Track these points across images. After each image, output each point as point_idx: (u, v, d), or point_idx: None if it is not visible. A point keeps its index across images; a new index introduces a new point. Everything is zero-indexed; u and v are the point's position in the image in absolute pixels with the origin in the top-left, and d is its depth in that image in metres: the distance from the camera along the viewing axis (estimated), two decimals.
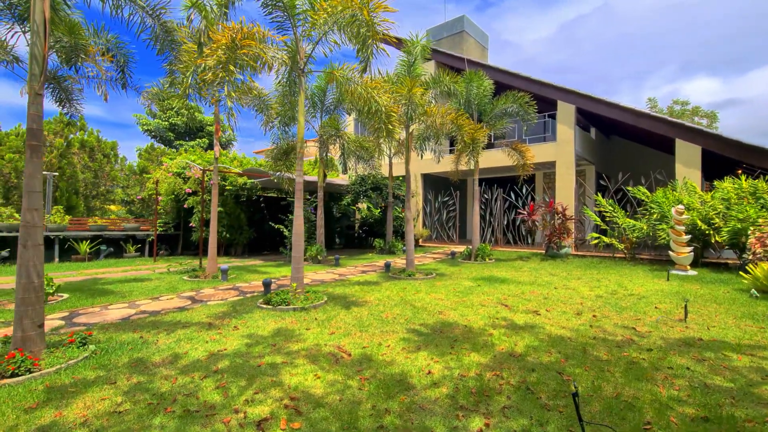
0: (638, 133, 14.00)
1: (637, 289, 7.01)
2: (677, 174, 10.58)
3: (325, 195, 17.40)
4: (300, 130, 6.07)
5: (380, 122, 6.73)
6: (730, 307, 5.65)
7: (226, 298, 6.47)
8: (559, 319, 5.10)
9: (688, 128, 10.33)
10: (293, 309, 5.46)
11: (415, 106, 7.35)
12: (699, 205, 8.97)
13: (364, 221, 17.26)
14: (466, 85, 10.15)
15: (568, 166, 12.33)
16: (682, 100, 35.30)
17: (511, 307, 5.77)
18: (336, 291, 6.96)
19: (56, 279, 8.55)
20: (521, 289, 7.09)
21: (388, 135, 6.78)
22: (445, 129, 8.28)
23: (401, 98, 7.34)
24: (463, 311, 5.49)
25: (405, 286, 7.33)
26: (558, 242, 10.90)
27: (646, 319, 5.09)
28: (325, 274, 9.16)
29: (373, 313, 5.37)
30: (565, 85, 12.25)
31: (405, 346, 4.07)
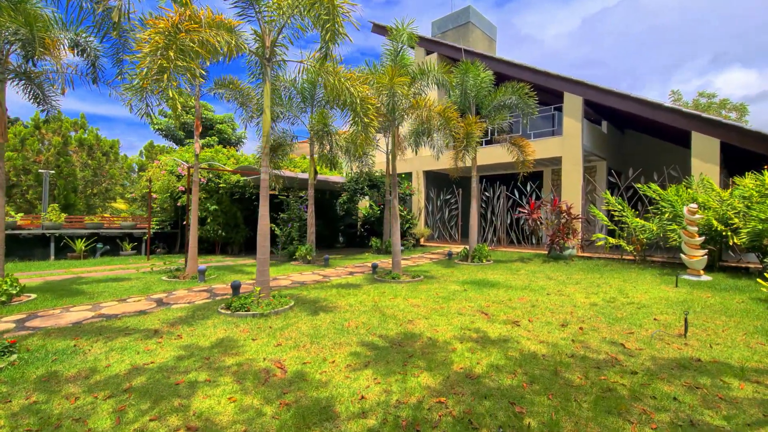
0: (653, 126, 13.09)
1: (638, 296, 6.35)
2: (693, 170, 9.73)
3: (325, 193, 17.12)
4: (265, 124, 5.68)
5: (355, 115, 6.29)
6: (741, 320, 4.97)
7: (193, 301, 6.16)
8: (540, 332, 4.56)
9: (705, 120, 9.46)
10: (251, 315, 5.09)
11: (398, 98, 6.86)
12: (716, 203, 8.16)
13: (365, 220, 16.85)
14: (461, 77, 9.58)
15: (575, 162, 11.58)
16: (709, 93, 33.45)
17: (490, 315, 5.24)
18: (310, 295, 6.57)
19: (39, 278, 8.49)
20: (510, 294, 6.54)
21: (363, 129, 6.32)
22: (433, 123, 7.75)
23: (382, 88, 6.85)
24: (435, 320, 5.00)
25: (385, 290, 6.87)
26: (561, 243, 10.21)
27: (640, 333, 4.49)
28: (310, 275, 8.80)
29: (336, 321, 4.95)
30: (572, 76, 11.49)
31: (352, 362, 3.63)
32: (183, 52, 4.32)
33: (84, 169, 14.19)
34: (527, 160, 10.12)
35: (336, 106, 6.48)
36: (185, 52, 4.34)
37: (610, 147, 14.28)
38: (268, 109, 5.71)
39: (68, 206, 13.31)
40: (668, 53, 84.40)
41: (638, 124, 14.29)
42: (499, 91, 9.77)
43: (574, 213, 10.92)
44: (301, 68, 6.07)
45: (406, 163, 16.39)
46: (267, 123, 5.70)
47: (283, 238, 11.33)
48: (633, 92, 10.48)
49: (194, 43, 4.40)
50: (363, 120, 6.33)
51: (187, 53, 4.37)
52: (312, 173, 10.58)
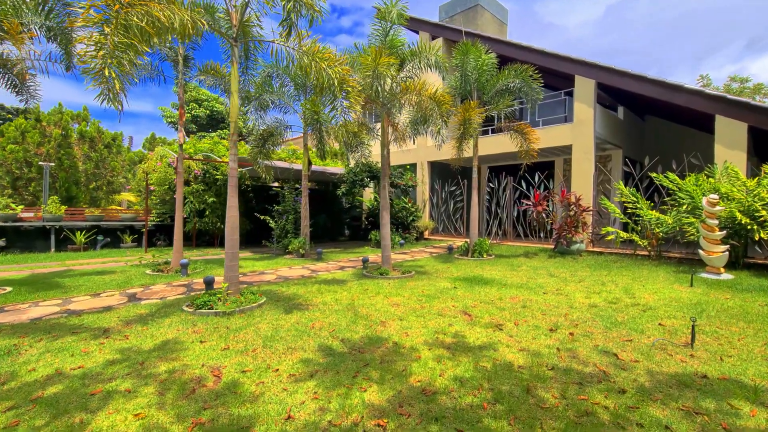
0: (676, 111, 12.12)
1: (646, 296, 5.72)
2: (716, 157, 8.86)
3: (329, 185, 16.76)
4: (233, 108, 5.29)
5: (334, 98, 5.83)
6: (762, 326, 4.32)
7: (166, 297, 5.89)
8: (524, 338, 4.05)
9: (731, 101, 8.56)
10: (214, 314, 4.75)
11: (383, 80, 6.35)
12: (740, 194, 7.35)
13: (370, 212, 16.43)
14: (461, 59, 8.95)
15: (586, 151, 10.80)
16: (742, 77, 31.37)
17: (473, 317, 4.75)
18: (288, 291, 6.21)
19: (29, 270, 8.44)
20: (502, 293, 6.01)
21: (343, 113, 5.86)
22: (425, 108, 7.21)
23: (365, 70, 6.35)
24: (409, 322, 4.55)
25: (369, 287, 6.45)
26: (568, 237, 9.53)
27: (639, 341, 3.93)
28: (299, 269, 8.46)
29: (302, 321, 4.56)
30: (585, 57, 10.67)
31: (298, 371, 3.23)
32: (126, 28, 3.94)
33: (86, 162, 14.25)
34: (531, 148, 9.43)
35: (315, 90, 6.02)
36: (129, 28, 3.96)
37: (628, 135, 13.35)
38: (235, 93, 5.31)
39: (70, 198, 13.40)
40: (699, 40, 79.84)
41: (659, 110, 13.30)
42: (501, 74, 9.11)
43: (584, 205, 10.19)
44: (274, 49, 5.63)
45: (410, 154, 15.83)
46: (234, 108, 5.31)
47: (277, 231, 11.03)
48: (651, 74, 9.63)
49: (140, 19, 4.01)
50: (343, 104, 5.88)
51: (132, 30, 3.98)
52: (305, 164, 10.19)
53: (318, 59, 5.61)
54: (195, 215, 12.78)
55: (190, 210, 12.56)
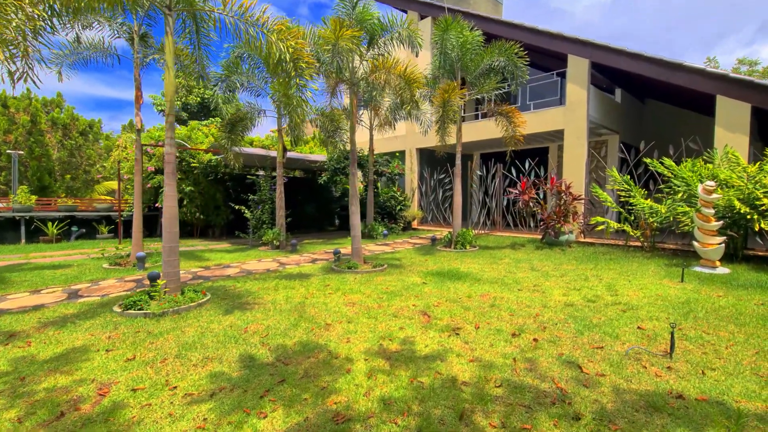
0: (676, 93, 11.41)
1: (630, 294, 5.19)
2: (716, 141, 8.22)
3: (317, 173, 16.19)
4: (168, 87, 4.74)
5: (286, 75, 5.26)
6: (755, 331, 3.80)
7: (108, 294, 5.43)
8: (480, 344, 3.55)
9: (733, 80, 7.87)
10: (143, 315, 4.28)
11: (345, 56, 5.74)
12: (740, 181, 6.75)
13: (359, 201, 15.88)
14: (440, 36, 8.29)
15: (579, 135, 10.16)
16: (751, 60, 30.22)
17: (431, 318, 4.26)
18: (242, 287, 5.73)
19: None
20: (473, 290, 5.50)
21: (298, 90, 5.30)
22: (394, 86, 6.61)
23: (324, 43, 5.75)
24: (357, 325, 4.06)
25: (331, 283, 5.96)
26: (557, 227, 8.98)
27: (612, 349, 3.42)
28: (269, 262, 7.98)
29: (237, 324, 4.08)
30: (578, 35, 9.95)
31: (199, 389, 2.75)
32: None
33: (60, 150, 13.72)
34: (517, 133, 8.81)
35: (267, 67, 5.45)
36: None
37: (626, 119, 12.65)
38: (171, 69, 4.76)
39: (43, 188, 12.96)
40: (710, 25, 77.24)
41: (659, 92, 12.56)
42: (485, 52, 8.44)
43: (576, 193, 9.61)
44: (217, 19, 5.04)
45: (398, 140, 15.21)
46: (170, 86, 4.76)
47: (253, 222, 10.55)
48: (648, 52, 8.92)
49: None
50: (297, 81, 5.31)
51: None
52: (280, 151, 9.64)
53: (267, 31, 5.05)
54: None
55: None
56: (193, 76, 6.72)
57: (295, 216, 15.94)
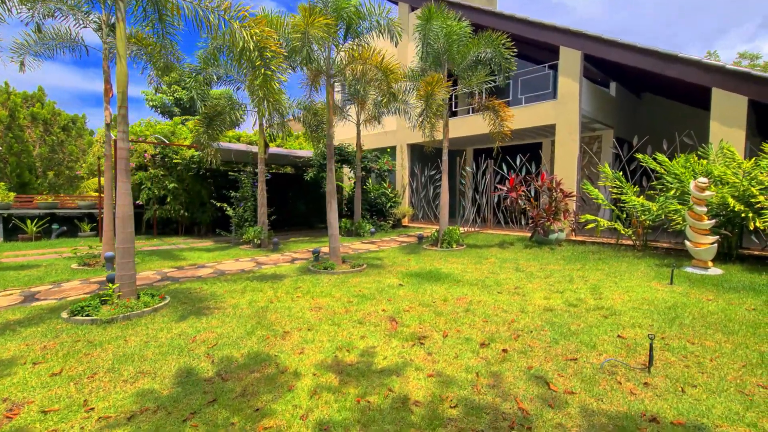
0: (673, 86, 11.06)
1: (614, 297, 4.90)
2: (711, 136, 7.90)
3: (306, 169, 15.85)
4: (119, 77, 4.43)
5: (251, 65, 4.96)
6: (744, 340, 3.51)
7: (66, 297, 5.15)
8: (445, 356, 3.27)
9: (729, 72, 7.54)
10: (90, 321, 4.00)
11: (317, 44, 5.41)
12: (734, 177, 6.44)
13: (350, 198, 15.60)
14: (423, 26, 7.95)
15: (571, 130, 9.83)
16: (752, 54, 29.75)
17: (398, 325, 3.98)
18: (208, 290, 5.45)
19: None
20: (450, 292, 5.22)
21: (264, 82, 5.00)
22: (370, 77, 6.29)
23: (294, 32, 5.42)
24: (317, 333, 3.78)
25: (302, 285, 5.68)
26: (546, 225, 8.68)
27: (586, 361, 3.14)
28: (246, 262, 7.70)
29: (187, 332, 3.80)
30: (570, 26, 9.60)
31: (118, 411, 2.48)
32: None
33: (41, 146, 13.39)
34: (505, 127, 8.49)
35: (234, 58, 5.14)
36: None
37: (621, 113, 12.31)
38: (123, 58, 4.45)
39: (24, 185, 12.65)
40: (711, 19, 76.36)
41: (655, 86, 12.21)
42: (472, 43, 8.10)
43: (567, 190, 9.30)
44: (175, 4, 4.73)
45: (389, 136, 14.89)
46: (121, 76, 4.45)
47: (235, 220, 10.26)
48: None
49: None
50: (264, 72, 5.01)
51: None
52: (261, 146, 9.33)
53: (229, 18, 4.74)
54: (155, 202, 12.01)
55: (148, 197, 11.79)
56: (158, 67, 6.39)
57: (284, 213, 15.67)
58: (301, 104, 9.00)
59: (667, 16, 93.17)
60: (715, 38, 69.99)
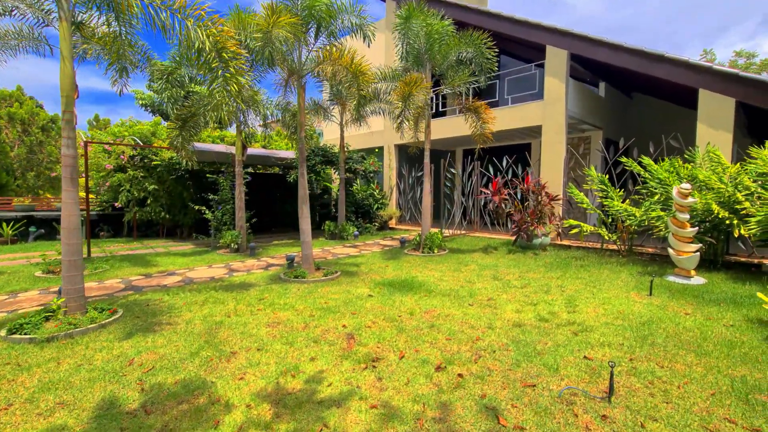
0: (662, 87, 10.83)
1: (589, 311, 4.69)
2: (698, 138, 7.68)
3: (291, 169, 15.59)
4: (63, 79, 4.18)
5: (208, 68, 4.71)
6: (717, 362, 3.30)
7: (18, 309, 4.91)
8: (395, 381, 3.05)
9: (717, 72, 7.31)
10: (28, 340, 3.77)
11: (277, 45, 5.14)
12: (719, 183, 6.23)
13: (337, 199, 15.36)
14: (403, 24, 7.70)
15: (558, 131, 9.60)
16: (748, 52, 29.53)
17: (356, 344, 3.75)
18: (170, 301, 5.22)
19: None
20: (420, 304, 5.00)
21: (226, 83, 4.76)
22: (339, 78, 6.05)
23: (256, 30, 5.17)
24: (265, 354, 3.55)
25: (267, 296, 5.45)
26: (530, 230, 8.46)
27: (546, 388, 2.93)
28: (219, 269, 7.47)
29: (127, 353, 3.57)
30: (557, 25, 9.36)
31: None
32: None
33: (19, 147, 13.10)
34: (487, 129, 8.26)
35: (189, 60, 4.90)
36: None
37: (610, 114, 12.09)
38: (67, 59, 4.20)
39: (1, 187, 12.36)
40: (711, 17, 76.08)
41: (644, 86, 11.99)
42: (453, 42, 7.86)
43: (553, 193, 9.08)
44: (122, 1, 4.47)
45: (376, 136, 14.64)
46: (65, 78, 4.21)
47: (214, 223, 10.01)
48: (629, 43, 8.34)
49: None
50: (224, 74, 4.77)
51: None
52: (239, 148, 9.08)
53: (183, 17, 4.49)
54: (135, 204, 11.76)
55: (127, 199, 11.54)
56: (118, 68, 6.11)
57: (270, 214, 15.42)
58: (279, 105, 8.75)
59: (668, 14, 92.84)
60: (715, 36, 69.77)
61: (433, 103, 11.96)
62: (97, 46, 6.49)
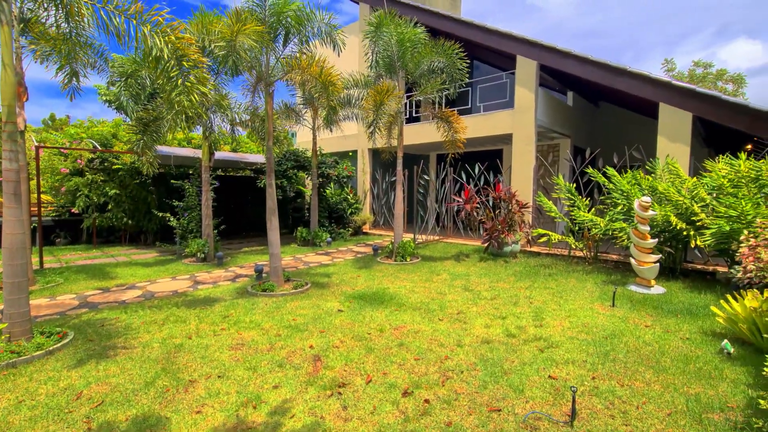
0: (626, 98, 11.24)
1: (556, 324, 4.78)
2: (658, 150, 8.01)
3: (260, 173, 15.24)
4: (6, 87, 3.86)
5: (167, 76, 4.48)
6: (674, 380, 3.41)
7: None
8: (361, 410, 2.98)
9: (675, 88, 7.65)
10: None
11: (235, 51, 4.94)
12: (676, 195, 6.50)
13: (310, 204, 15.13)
14: (373, 32, 7.63)
15: (527, 141, 9.80)
16: (705, 62, 31.22)
17: (322, 367, 3.65)
18: (127, 321, 4.94)
19: None
20: (390, 320, 4.95)
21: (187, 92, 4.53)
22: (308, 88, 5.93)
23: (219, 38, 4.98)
24: (226, 381, 3.40)
25: (232, 312, 5.26)
26: (501, 238, 8.58)
27: (511, 412, 2.93)
28: (183, 280, 7.17)
29: (74, 385, 3.33)
30: (527, 35, 9.54)
31: None
32: None
33: None
34: (458, 138, 8.33)
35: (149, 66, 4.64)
36: None
37: (578, 122, 12.46)
38: (8, 67, 3.88)
39: None
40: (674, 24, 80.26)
41: (610, 96, 12.42)
42: (425, 51, 7.86)
43: (523, 200, 9.25)
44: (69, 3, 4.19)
45: (350, 140, 14.53)
46: (6, 87, 3.89)
47: (179, 231, 9.62)
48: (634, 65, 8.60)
49: None
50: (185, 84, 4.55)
51: None
52: (205, 153, 8.76)
53: (138, 23, 4.25)
54: (94, 210, 11.17)
55: (86, 204, 10.95)
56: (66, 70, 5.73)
57: (240, 218, 15.02)
58: (248, 109, 8.50)
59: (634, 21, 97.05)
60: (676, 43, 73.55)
61: (407, 109, 11.95)
62: (46, 46, 6.10)
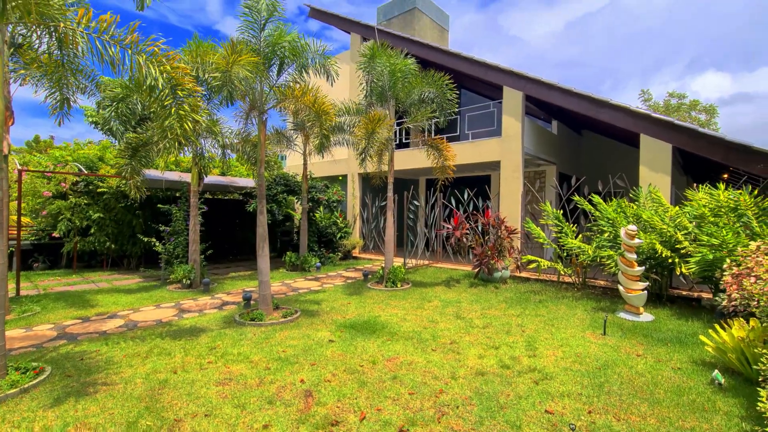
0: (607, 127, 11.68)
1: (549, 354, 4.76)
2: (641, 179, 8.28)
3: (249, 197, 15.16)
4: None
5: (160, 104, 4.49)
6: (668, 413, 3.40)
7: None
8: None
9: (655, 120, 7.99)
10: None
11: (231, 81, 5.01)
12: (661, 223, 6.68)
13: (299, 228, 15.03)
14: (367, 63, 7.84)
15: (514, 168, 10.02)
16: (679, 93, 32.83)
17: (314, 403, 3.54)
18: (108, 354, 4.74)
19: None
20: (383, 351, 4.86)
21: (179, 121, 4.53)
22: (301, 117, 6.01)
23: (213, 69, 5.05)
24: (213, 421, 3.25)
25: (219, 344, 5.10)
26: (491, 264, 8.62)
27: None
28: (168, 309, 6.96)
29: (49, 429, 3.15)
30: (513, 67, 9.91)
31: None
32: None
33: None
34: (447, 165, 8.48)
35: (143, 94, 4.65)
36: None
37: (562, 150, 12.83)
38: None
39: None
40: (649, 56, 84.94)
41: (592, 125, 12.88)
42: (415, 82, 8.08)
43: (511, 226, 9.36)
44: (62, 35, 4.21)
45: (340, 165, 14.63)
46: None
47: (164, 256, 9.41)
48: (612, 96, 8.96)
49: None
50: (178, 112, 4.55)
51: None
52: (194, 177, 8.69)
53: (135, 52, 4.28)
54: (75, 234, 10.88)
55: (67, 228, 10.66)
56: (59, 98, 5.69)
57: (228, 241, 14.80)
58: (240, 135, 8.52)
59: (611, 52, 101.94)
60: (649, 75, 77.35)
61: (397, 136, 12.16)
62: (37, 72, 6.07)
